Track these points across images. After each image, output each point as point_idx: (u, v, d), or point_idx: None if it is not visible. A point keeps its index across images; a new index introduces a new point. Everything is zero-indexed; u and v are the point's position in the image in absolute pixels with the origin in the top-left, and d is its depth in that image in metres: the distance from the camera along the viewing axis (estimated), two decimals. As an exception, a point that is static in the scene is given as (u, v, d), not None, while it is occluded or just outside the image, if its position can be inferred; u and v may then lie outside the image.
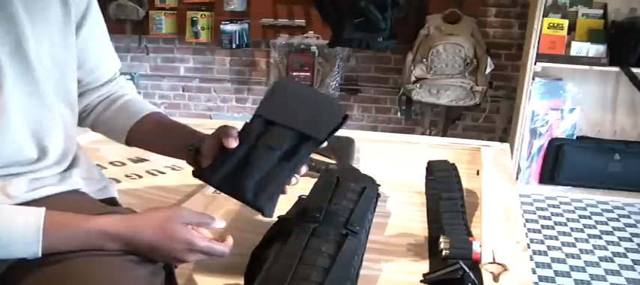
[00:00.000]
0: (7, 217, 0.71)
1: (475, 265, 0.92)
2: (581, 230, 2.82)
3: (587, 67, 3.05)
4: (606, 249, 2.63)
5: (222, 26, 3.48)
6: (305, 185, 1.06)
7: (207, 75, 3.89)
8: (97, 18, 0.96)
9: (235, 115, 3.89)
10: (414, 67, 3.14)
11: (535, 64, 3.02)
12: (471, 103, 3.17)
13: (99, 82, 1.02)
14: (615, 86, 3.29)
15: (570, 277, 2.39)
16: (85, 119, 1.05)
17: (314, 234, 0.87)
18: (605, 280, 2.37)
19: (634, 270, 2.45)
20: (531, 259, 2.50)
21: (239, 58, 3.79)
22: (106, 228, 0.76)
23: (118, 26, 3.57)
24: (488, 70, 3.08)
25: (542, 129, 3.27)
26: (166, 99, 3.99)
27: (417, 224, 1.14)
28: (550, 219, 2.95)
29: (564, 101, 3.27)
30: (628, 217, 2.99)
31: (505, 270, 0.92)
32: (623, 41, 3.00)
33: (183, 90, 3.97)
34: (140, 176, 1.40)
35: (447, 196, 1.13)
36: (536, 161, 3.31)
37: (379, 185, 1.17)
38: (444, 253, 0.94)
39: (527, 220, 2.92)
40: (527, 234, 2.73)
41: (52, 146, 0.87)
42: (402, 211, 1.21)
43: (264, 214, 0.84)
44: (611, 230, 2.83)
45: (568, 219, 2.95)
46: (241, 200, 0.85)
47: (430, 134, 3.42)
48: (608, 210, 3.07)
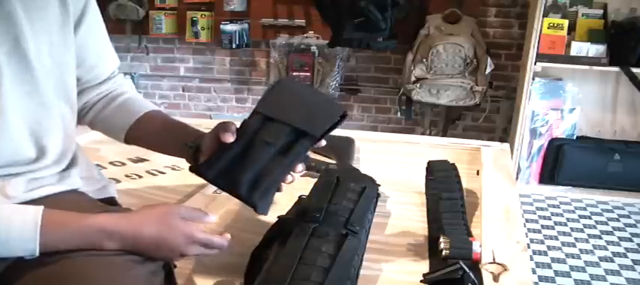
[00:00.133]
0: (6, 216, 0.71)
1: (475, 265, 0.92)
2: (581, 230, 2.82)
3: (587, 67, 3.05)
4: (606, 249, 2.63)
5: (222, 26, 3.47)
6: (305, 185, 1.06)
7: (207, 75, 3.89)
8: (95, 15, 0.96)
9: (235, 115, 3.89)
10: (414, 67, 3.14)
11: (535, 64, 3.02)
12: (471, 103, 3.17)
13: (98, 79, 1.02)
14: (615, 86, 3.29)
15: (570, 277, 2.39)
16: (84, 117, 1.05)
17: (314, 234, 0.87)
18: (605, 280, 2.37)
19: (634, 270, 2.45)
20: (531, 259, 2.50)
21: (239, 58, 3.79)
22: (105, 226, 0.76)
23: (117, 26, 3.56)
24: (488, 70, 3.08)
25: (542, 129, 3.26)
26: (166, 99, 3.98)
27: (417, 224, 1.14)
28: (550, 219, 2.95)
29: (564, 101, 3.26)
30: (628, 217, 2.99)
31: (505, 270, 0.92)
32: (623, 41, 3.00)
33: (183, 90, 3.96)
34: (140, 176, 1.39)
35: (447, 196, 1.13)
36: (536, 161, 3.31)
37: (379, 185, 1.17)
38: (444, 253, 0.94)
39: (527, 220, 2.91)
40: (527, 234, 2.73)
41: (50, 145, 0.86)
42: (402, 211, 1.21)
43: (257, 210, 0.83)
44: (611, 230, 2.83)
45: (568, 219, 2.95)
46: (236, 195, 0.84)
47: (430, 134, 3.41)
48: (608, 210, 3.07)
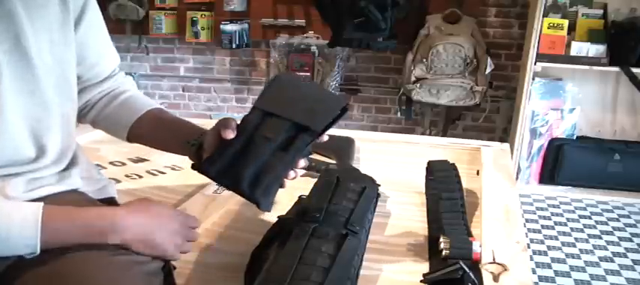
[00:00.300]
0: (6, 213, 0.71)
1: (475, 265, 0.92)
2: (581, 230, 2.82)
3: (587, 67, 3.04)
4: (606, 249, 2.63)
5: (222, 26, 3.47)
6: (305, 185, 1.06)
7: (207, 75, 3.89)
8: (95, 13, 0.96)
9: (235, 115, 3.88)
10: (414, 67, 3.14)
11: (535, 64, 3.02)
12: (471, 103, 3.17)
13: (99, 77, 1.02)
14: (615, 86, 3.29)
15: (570, 277, 2.39)
16: (86, 115, 1.05)
17: (314, 234, 0.87)
18: (605, 280, 2.37)
19: (634, 270, 2.45)
20: (531, 259, 2.50)
21: (239, 58, 3.79)
22: (105, 213, 0.77)
23: (118, 26, 3.56)
24: (488, 70, 3.08)
25: (542, 129, 3.26)
26: (166, 99, 3.98)
27: (417, 224, 1.14)
28: (550, 219, 2.95)
29: (564, 101, 3.26)
30: (628, 217, 2.99)
31: (505, 270, 0.92)
32: (623, 41, 3.00)
33: (183, 90, 3.97)
34: (140, 176, 1.39)
35: (447, 196, 1.13)
36: (536, 161, 3.31)
37: (379, 185, 1.17)
38: (444, 253, 0.94)
39: (527, 220, 2.91)
40: (527, 234, 2.73)
41: (50, 145, 0.86)
42: (402, 211, 1.21)
43: (260, 207, 0.83)
44: (611, 230, 2.83)
45: (568, 219, 2.95)
46: (238, 192, 0.84)
47: (430, 134, 3.41)
48: (608, 210, 3.07)
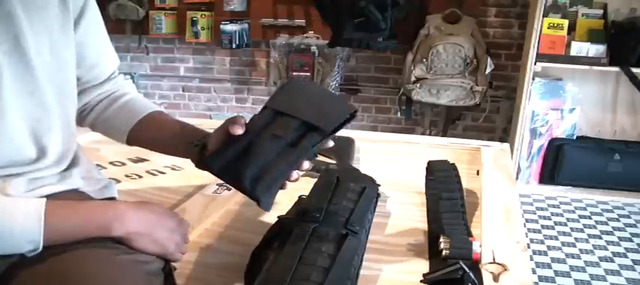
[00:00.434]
0: (8, 210, 0.71)
1: (475, 265, 0.92)
2: (581, 230, 2.82)
3: (587, 67, 3.05)
4: (606, 249, 2.63)
5: (222, 26, 3.48)
6: (305, 185, 1.06)
7: (207, 75, 3.89)
8: (94, 14, 0.95)
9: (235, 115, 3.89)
10: (414, 67, 3.14)
11: (535, 64, 3.02)
12: (471, 103, 3.17)
13: (99, 79, 1.02)
14: (615, 86, 3.29)
15: (570, 277, 2.39)
16: (85, 118, 1.04)
17: (314, 234, 0.87)
18: (605, 280, 2.37)
19: (634, 270, 2.45)
20: (531, 259, 2.50)
21: (239, 58, 3.79)
22: (109, 205, 0.79)
23: (118, 26, 3.57)
24: (488, 70, 3.08)
25: (542, 129, 3.27)
26: (166, 99, 3.98)
27: (417, 224, 1.14)
28: (550, 219, 2.95)
29: (564, 101, 3.26)
30: (628, 217, 2.99)
31: (505, 270, 0.92)
32: (623, 41, 3.00)
33: (183, 90, 3.97)
34: (140, 176, 1.39)
35: (447, 196, 1.13)
36: (536, 161, 3.31)
37: (379, 185, 1.17)
38: (444, 253, 0.94)
39: (527, 220, 2.91)
40: (527, 234, 2.73)
41: (51, 145, 0.86)
42: (402, 211, 1.21)
43: (260, 204, 0.82)
44: (611, 230, 2.83)
45: (568, 219, 2.95)
46: (239, 188, 0.84)
47: (430, 134, 3.42)
48: (608, 210, 3.07)
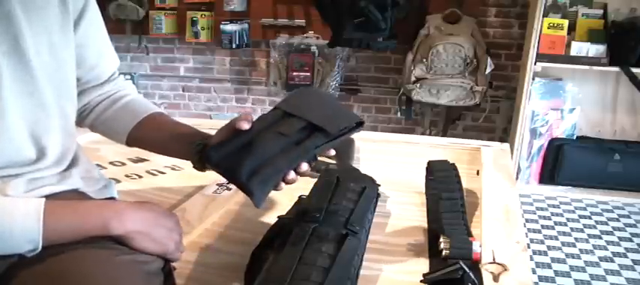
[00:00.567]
0: (8, 210, 0.71)
1: (475, 265, 0.92)
2: (581, 230, 2.82)
3: (587, 67, 3.04)
4: (606, 249, 2.63)
5: (222, 26, 3.47)
6: (305, 185, 1.06)
7: (207, 75, 3.89)
8: (95, 14, 0.95)
9: (235, 115, 3.88)
10: (414, 67, 3.14)
11: (535, 64, 3.02)
12: (471, 103, 3.17)
13: (99, 80, 1.02)
14: (615, 86, 3.29)
15: (570, 277, 2.39)
16: (85, 119, 1.04)
17: (314, 234, 0.87)
18: (605, 280, 2.37)
19: (634, 270, 2.45)
20: (531, 259, 2.50)
21: (239, 58, 3.79)
22: (108, 203, 0.80)
23: (118, 26, 3.57)
24: (488, 70, 3.08)
25: (542, 129, 3.26)
26: (166, 99, 3.98)
27: (417, 224, 1.14)
28: (550, 219, 2.95)
29: (564, 101, 3.26)
30: (628, 217, 2.99)
31: (505, 270, 0.92)
32: (623, 41, 3.00)
33: (183, 90, 3.97)
34: (140, 176, 1.39)
35: (447, 196, 1.13)
36: (536, 161, 3.31)
37: (379, 185, 1.17)
38: (444, 253, 0.94)
39: (527, 220, 2.91)
40: (527, 234, 2.73)
41: (50, 146, 0.86)
42: (402, 211, 1.21)
43: (253, 198, 0.82)
44: (611, 230, 2.83)
45: (568, 219, 2.95)
46: (235, 180, 0.84)
47: (430, 134, 3.41)
48: (608, 210, 3.07)
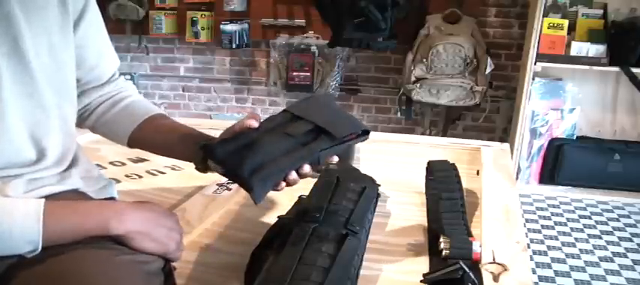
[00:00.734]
0: (8, 210, 0.71)
1: (475, 265, 0.92)
2: (581, 230, 2.82)
3: (587, 67, 3.04)
4: (606, 249, 2.63)
5: (222, 26, 3.47)
6: (305, 185, 1.06)
7: (207, 75, 3.89)
8: (95, 15, 0.95)
9: (235, 115, 3.89)
10: (414, 67, 3.14)
11: (535, 64, 3.02)
12: (471, 103, 3.17)
13: (99, 81, 1.02)
14: (615, 86, 3.29)
15: (570, 277, 2.39)
16: (86, 120, 1.04)
17: (314, 234, 0.87)
18: (605, 280, 2.37)
19: (634, 270, 2.45)
20: (531, 259, 2.50)
21: (239, 58, 3.79)
22: (107, 203, 0.80)
23: (118, 26, 3.56)
24: (488, 70, 3.08)
25: (542, 129, 3.26)
26: (166, 99, 3.98)
27: (417, 224, 1.14)
28: (550, 219, 2.95)
29: (564, 101, 3.26)
30: (628, 217, 2.99)
31: (505, 270, 0.92)
32: (623, 41, 3.00)
33: (183, 90, 3.96)
34: (140, 176, 1.40)
35: (447, 196, 1.13)
36: (536, 161, 3.31)
37: (379, 185, 1.17)
38: (444, 253, 0.94)
39: (527, 220, 2.91)
40: (527, 234, 2.73)
41: (50, 147, 0.86)
42: (402, 211, 1.21)
43: (252, 193, 0.82)
44: (611, 230, 2.83)
45: (568, 219, 2.95)
46: (236, 176, 0.84)
47: (430, 134, 3.41)
48: (608, 210, 3.07)
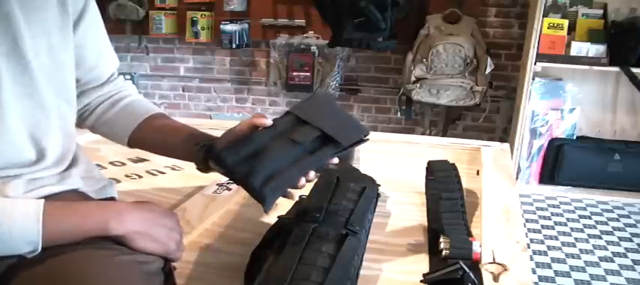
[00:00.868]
0: (7, 211, 0.71)
1: (475, 265, 0.92)
2: (581, 230, 2.82)
3: (587, 67, 3.04)
4: (606, 249, 2.63)
5: (222, 26, 3.47)
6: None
7: (207, 75, 3.89)
8: (94, 15, 0.95)
9: (235, 115, 3.89)
10: (414, 67, 3.14)
11: (535, 64, 3.02)
12: (471, 103, 3.17)
13: (99, 81, 1.02)
14: (615, 86, 3.29)
15: (570, 277, 2.39)
16: (85, 120, 1.04)
17: (314, 234, 0.87)
18: (605, 280, 2.37)
19: (634, 270, 2.45)
20: (531, 259, 2.50)
21: (239, 58, 3.79)
22: (107, 204, 0.80)
23: (117, 26, 3.56)
24: (488, 70, 3.08)
25: (542, 129, 3.26)
26: (166, 99, 3.98)
27: (417, 224, 1.14)
28: (550, 219, 2.95)
29: (564, 101, 3.26)
30: (628, 217, 2.99)
31: (505, 270, 0.92)
32: (623, 41, 3.00)
33: (183, 90, 3.96)
34: (140, 176, 1.40)
35: (447, 196, 1.13)
36: (536, 161, 3.31)
37: (379, 185, 1.18)
38: (444, 253, 0.94)
39: (527, 220, 2.91)
40: (527, 234, 2.73)
41: (50, 147, 0.86)
42: (402, 211, 1.21)
43: (264, 204, 0.83)
44: (611, 230, 2.83)
45: (568, 219, 2.95)
46: (247, 185, 0.84)
47: (430, 134, 3.41)
48: (608, 210, 3.07)
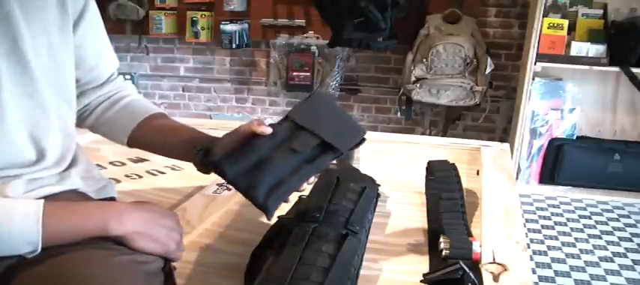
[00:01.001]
0: (7, 212, 0.71)
1: (475, 265, 0.92)
2: (581, 230, 2.82)
3: (587, 67, 3.04)
4: (606, 249, 2.63)
5: (222, 26, 3.47)
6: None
7: (207, 75, 3.89)
8: (94, 15, 0.95)
9: (235, 115, 3.89)
10: (414, 67, 3.14)
11: (535, 64, 3.02)
12: (471, 103, 3.17)
13: (98, 81, 1.02)
14: (615, 86, 3.29)
15: (570, 277, 2.39)
16: (85, 120, 1.04)
17: (314, 234, 0.87)
18: (605, 280, 2.37)
19: (634, 270, 2.45)
20: (531, 259, 2.50)
21: (239, 58, 3.79)
22: (107, 204, 0.80)
23: (117, 26, 3.57)
24: (488, 70, 3.08)
25: (542, 129, 3.26)
26: (166, 99, 3.98)
27: (417, 224, 1.14)
28: (550, 219, 2.95)
29: (564, 101, 3.26)
30: (628, 217, 2.99)
31: (505, 270, 0.92)
32: (623, 41, 3.00)
33: (183, 90, 3.97)
34: (140, 176, 1.40)
35: (447, 196, 1.13)
36: (536, 161, 3.31)
37: (379, 185, 1.17)
38: (444, 253, 0.94)
39: (527, 220, 2.91)
40: (527, 234, 2.73)
41: (50, 147, 0.86)
42: (402, 211, 1.21)
43: (267, 214, 0.84)
44: (611, 230, 2.83)
45: (568, 219, 2.95)
46: (250, 197, 0.84)
47: (430, 134, 3.41)
48: (608, 210, 3.07)
